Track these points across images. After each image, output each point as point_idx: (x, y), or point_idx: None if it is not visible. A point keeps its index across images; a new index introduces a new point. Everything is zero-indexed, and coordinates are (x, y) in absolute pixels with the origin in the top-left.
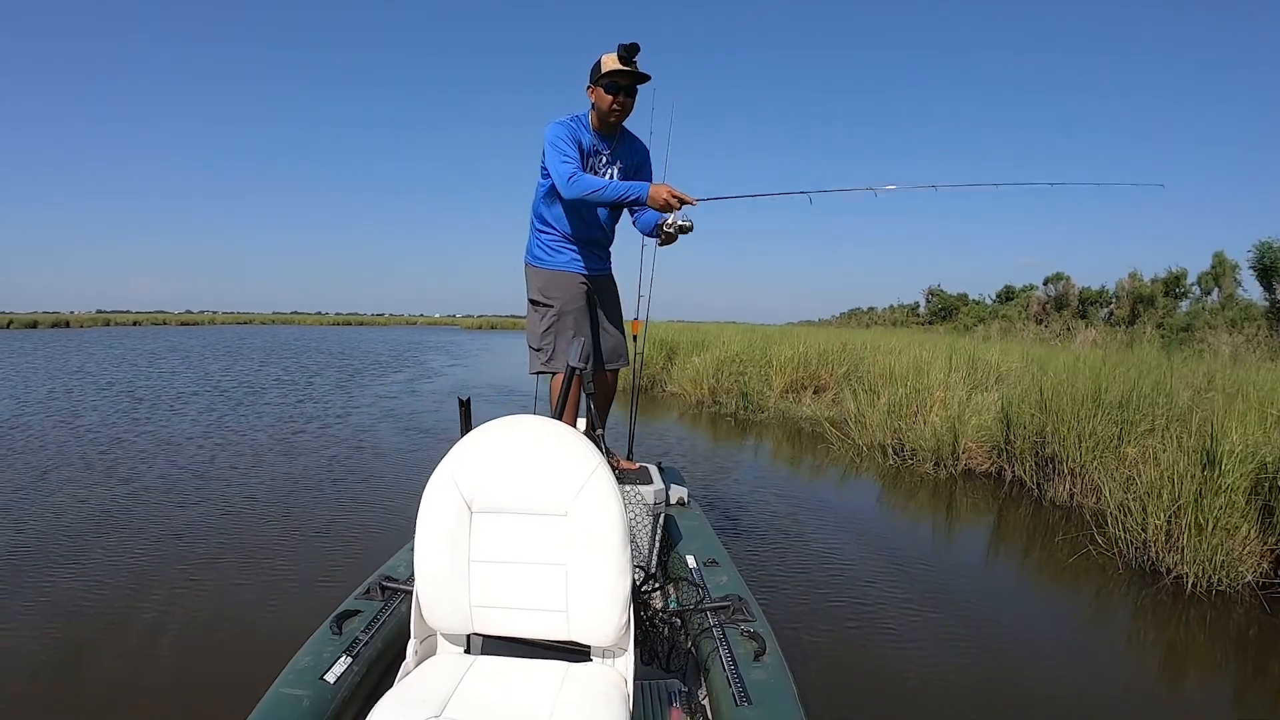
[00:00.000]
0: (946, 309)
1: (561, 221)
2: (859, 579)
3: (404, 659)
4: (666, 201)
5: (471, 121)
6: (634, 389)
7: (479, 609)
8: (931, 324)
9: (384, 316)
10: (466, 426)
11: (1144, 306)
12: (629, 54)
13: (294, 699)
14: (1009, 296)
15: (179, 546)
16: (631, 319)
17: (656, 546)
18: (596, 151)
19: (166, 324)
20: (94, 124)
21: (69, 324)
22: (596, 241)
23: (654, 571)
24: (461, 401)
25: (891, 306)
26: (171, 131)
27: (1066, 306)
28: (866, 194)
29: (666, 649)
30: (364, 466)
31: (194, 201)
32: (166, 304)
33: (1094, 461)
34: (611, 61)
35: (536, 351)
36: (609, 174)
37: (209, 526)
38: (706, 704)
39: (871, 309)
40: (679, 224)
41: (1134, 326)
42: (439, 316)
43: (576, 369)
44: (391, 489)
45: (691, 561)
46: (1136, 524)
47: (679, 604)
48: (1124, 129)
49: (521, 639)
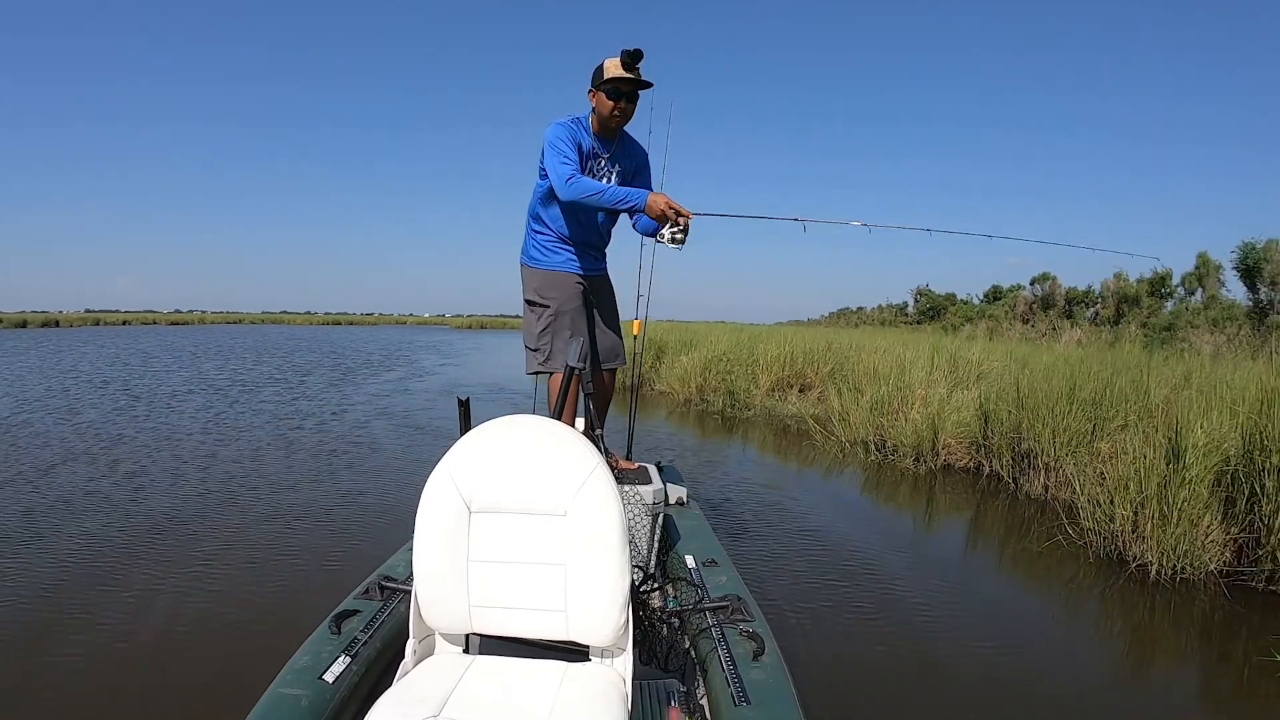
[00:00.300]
0: (935, 309)
1: (558, 222)
2: (841, 571)
3: (403, 659)
4: (663, 212)
5: (470, 122)
6: (633, 389)
7: (478, 609)
8: (920, 324)
9: (373, 316)
10: (466, 426)
11: (1128, 306)
12: (632, 60)
13: (293, 699)
14: (996, 296)
15: (178, 545)
16: (631, 319)
17: (655, 546)
18: (596, 154)
19: (156, 323)
20: (83, 124)
21: (58, 323)
22: (593, 243)
23: (653, 571)
24: (461, 401)
25: (880, 306)
26: (162, 131)
27: (1053, 306)
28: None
29: (665, 649)
30: (362, 466)
31: (182, 201)
32: (155, 303)
33: (1067, 456)
34: (614, 67)
35: (533, 351)
36: (608, 177)
37: (208, 526)
38: (705, 704)
39: (861, 309)
40: (675, 237)
41: (1118, 326)
42: (428, 316)
43: (575, 369)
44: (389, 487)
45: (690, 561)
46: (1105, 515)
47: (678, 604)
48: (1123, 129)
49: (520, 639)
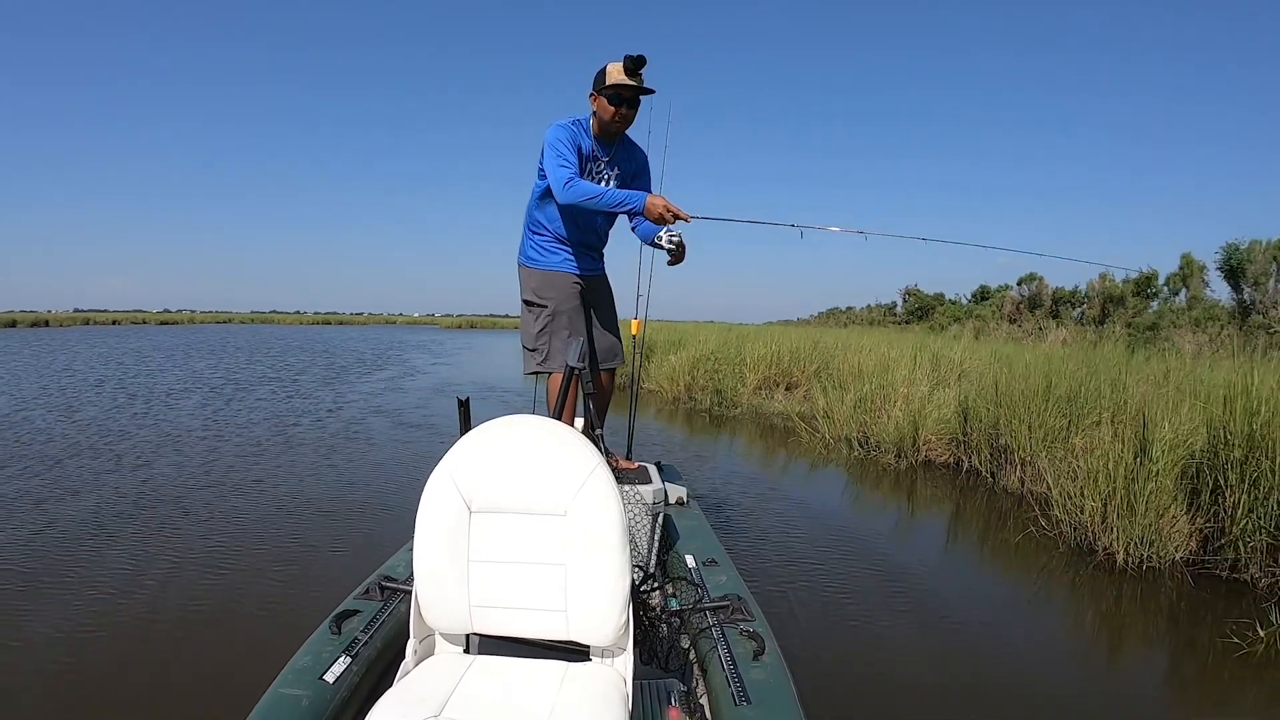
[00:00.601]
0: (923, 308)
1: (556, 223)
2: (824, 562)
3: (403, 659)
4: (661, 215)
5: (470, 122)
6: (633, 388)
7: (478, 609)
8: (908, 323)
9: (363, 316)
10: (466, 426)
11: (1114, 306)
12: (635, 66)
13: (293, 699)
14: (984, 296)
15: (178, 544)
16: (631, 318)
17: (655, 546)
18: (595, 157)
19: (146, 323)
20: (74, 124)
21: (48, 323)
22: (590, 243)
23: (653, 571)
24: (461, 401)
25: (869, 306)
26: (154, 131)
27: (1040, 306)
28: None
29: (665, 648)
30: (360, 465)
31: (172, 201)
32: (144, 303)
33: (1043, 451)
34: (617, 72)
35: (531, 352)
36: (607, 179)
37: (208, 525)
38: (705, 703)
39: (850, 308)
40: (671, 239)
41: (1104, 326)
42: (418, 316)
43: (575, 369)
44: (388, 486)
45: (690, 561)
46: (1075, 507)
47: (678, 603)
48: (1120, 130)
49: (521, 639)
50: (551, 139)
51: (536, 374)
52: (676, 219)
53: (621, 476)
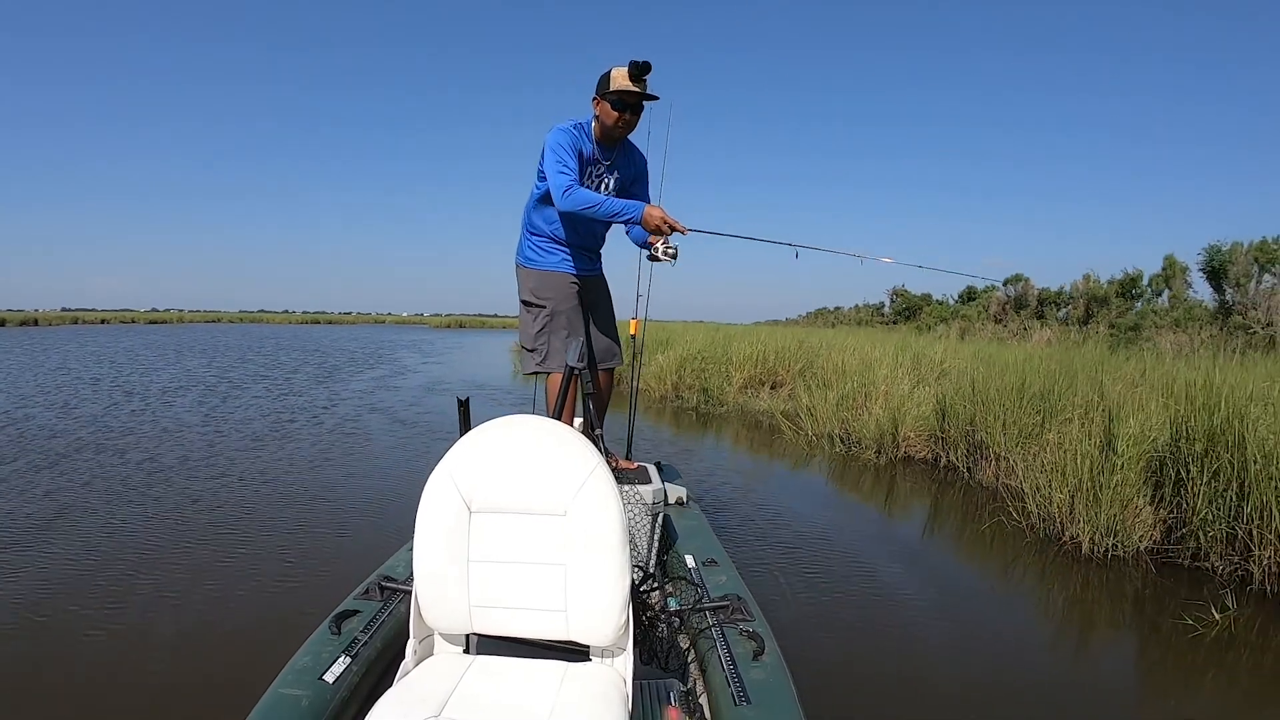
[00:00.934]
0: (910, 309)
1: (554, 225)
2: (806, 554)
3: (403, 659)
4: (658, 226)
5: (468, 122)
6: (633, 388)
7: (478, 609)
8: (895, 324)
9: (351, 315)
10: (465, 426)
11: (1098, 307)
12: (639, 72)
13: (293, 699)
14: (971, 297)
15: (178, 544)
16: (630, 319)
17: (655, 546)
18: (596, 160)
19: (135, 322)
20: (62, 124)
21: (37, 322)
22: (587, 245)
23: (653, 571)
24: (460, 401)
25: (857, 306)
26: (143, 133)
27: (1026, 307)
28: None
29: (665, 648)
30: (358, 463)
31: (160, 202)
32: (132, 302)
33: (1016, 447)
34: (621, 77)
35: (530, 352)
36: (606, 183)
37: (208, 524)
38: (705, 703)
39: (838, 309)
40: (666, 251)
41: (1088, 326)
42: (406, 315)
43: (575, 369)
44: (386, 485)
45: (690, 561)
46: (1045, 499)
47: (678, 603)
48: (1123, 130)
49: (520, 639)
50: (552, 143)
51: (536, 374)
52: (673, 230)
53: (621, 476)
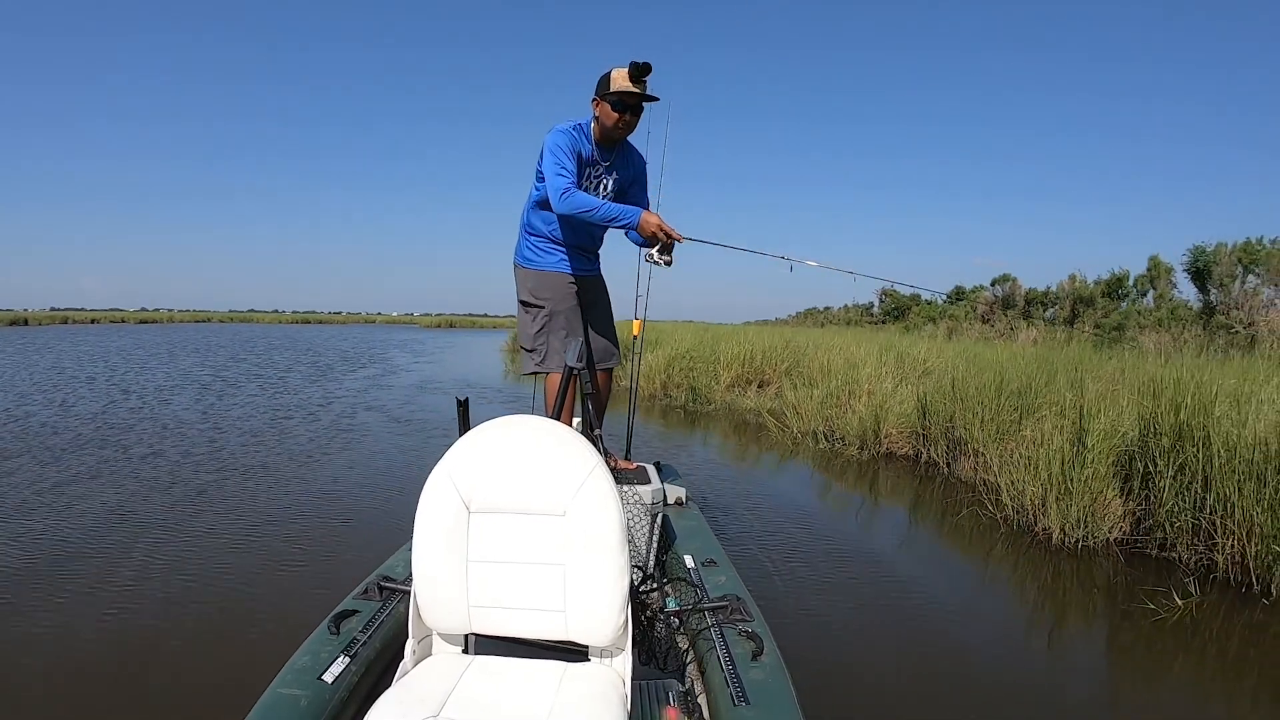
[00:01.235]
0: (899, 309)
1: (552, 225)
2: (791, 546)
3: (402, 659)
4: (654, 233)
5: (468, 121)
6: (633, 388)
7: (477, 609)
8: (884, 323)
9: (341, 315)
10: (465, 426)
11: (1083, 307)
12: (639, 73)
13: (292, 699)
14: (959, 297)
15: (176, 544)
16: (631, 319)
17: (654, 546)
18: (595, 161)
19: (125, 322)
20: (51, 124)
21: (26, 321)
22: (585, 245)
23: (652, 571)
24: (460, 402)
25: (846, 306)
26: (133, 131)
27: (1013, 306)
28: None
29: (664, 649)
30: (354, 462)
31: (147, 202)
32: (121, 302)
33: (994, 443)
34: (621, 78)
35: (529, 353)
36: (605, 184)
37: (205, 524)
38: (704, 704)
39: (827, 309)
40: (660, 258)
41: (1074, 326)
42: (396, 315)
43: (575, 370)
44: (384, 483)
45: (689, 561)
46: (1019, 493)
47: (677, 604)
48: (1121, 132)
49: (519, 639)
50: (551, 145)
51: (535, 374)
52: (669, 238)
53: (620, 477)
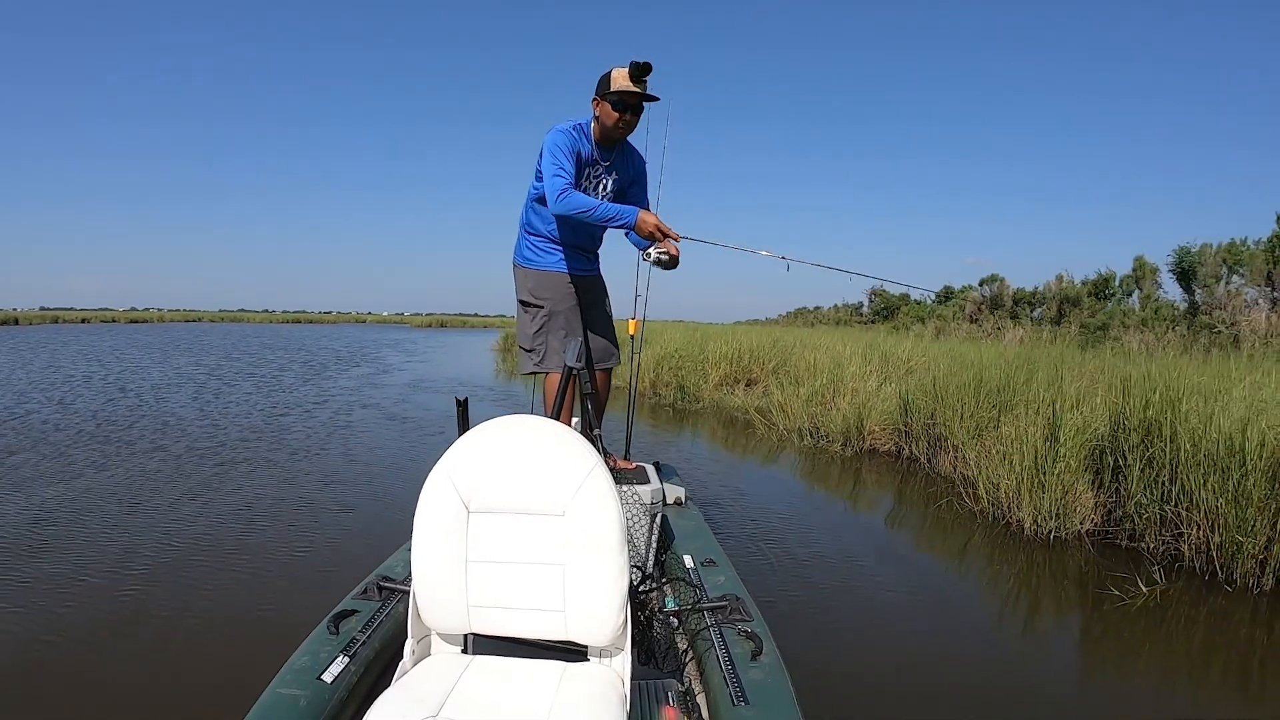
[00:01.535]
0: (888, 309)
1: (551, 225)
2: (778, 539)
3: (401, 659)
4: (652, 233)
5: (461, 120)
6: (632, 388)
7: (476, 609)
8: (873, 323)
9: (332, 315)
10: (464, 426)
11: (1070, 307)
12: (640, 73)
13: (291, 699)
14: (948, 297)
15: (175, 543)
16: (629, 319)
17: (654, 546)
18: (595, 161)
19: (116, 321)
20: (40, 123)
21: (17, 321)
22: (584, 245)
23: (651, 571)
24: (459, 401)
25: (836, 306)
26: (123, 131)
27: (1001, 307)
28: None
29: (664, 649)
30: (352, 461)
31: (136, 201)
32: (110, 301)
33: (972, 439)
34: (621, 78)
35: (528, 352)
36: (604, 184)
37: (204, 524)
38: (703, 704)
39: (818, 308)
40: (659, 258)
41: (1060, 326)
42: (387, 315)
43: (574, 369)
44: (380, 482)
45: (689, 561)
46: (994, 486)
47: (676, 604)
48: (1116, 131)
49: (519, 639)
50: (550, 145)
51: (533, 374)
52: (666, 237)
53: (619, 476)
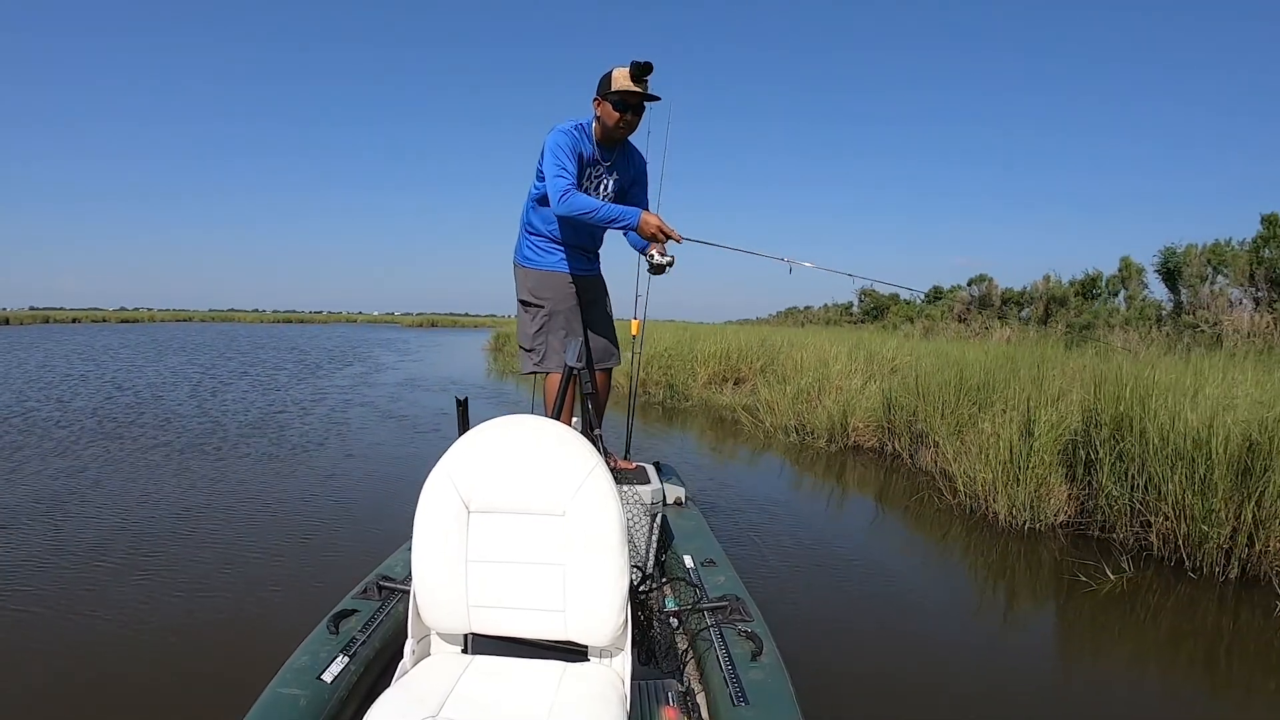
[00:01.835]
0: (878, 308)
1: (552, 225)
2: (765, 533)
3: (401, 658)
4: (654, 234)
5: (458, 120)
6: (632, 388)
7: (476, 609)
8: (863, 323)
9: (323, 314)
10: (464, 426)
11: (1057, 307)
12: (640, 73)
13: (291, 698)
14: (937, 297)
15: (174, 542)
16: (630, 319)
17: (654, 546)
18: (596, 161)
19: (106, 321)
20: (29, 122)
21: (8, 320)
22: (585, 245)
23: (651, 571)
24: (459, 401)
25: (826, 306)
26: (115, 130)
27: (989, 306)
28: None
29: (664, 649)
30: (349, 460)
31: (126, 201)
32: (100, 301)
33: (952, 435)
34: (622, 78)
35: (528, 352)
36: (605, 184)
37: (203, 524)
38: (703, 704)
39: (808, 308)
40: (660, 260)
41: (1047, 326)
42: (378, 314)
43: (575, 369)
44: (378, 481)
45: (689, 561)
46: (971, 480)
47: (676, 604)
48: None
49: (519, 639)
50: (552, 145)
51: (533, 374)
52: (668, 238)
53: (620, 476)
